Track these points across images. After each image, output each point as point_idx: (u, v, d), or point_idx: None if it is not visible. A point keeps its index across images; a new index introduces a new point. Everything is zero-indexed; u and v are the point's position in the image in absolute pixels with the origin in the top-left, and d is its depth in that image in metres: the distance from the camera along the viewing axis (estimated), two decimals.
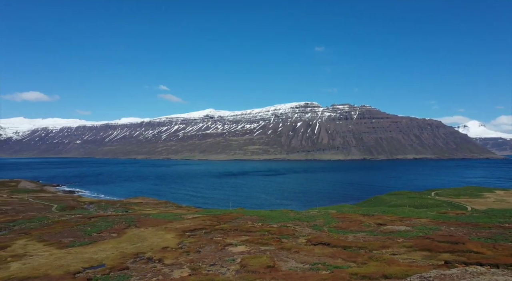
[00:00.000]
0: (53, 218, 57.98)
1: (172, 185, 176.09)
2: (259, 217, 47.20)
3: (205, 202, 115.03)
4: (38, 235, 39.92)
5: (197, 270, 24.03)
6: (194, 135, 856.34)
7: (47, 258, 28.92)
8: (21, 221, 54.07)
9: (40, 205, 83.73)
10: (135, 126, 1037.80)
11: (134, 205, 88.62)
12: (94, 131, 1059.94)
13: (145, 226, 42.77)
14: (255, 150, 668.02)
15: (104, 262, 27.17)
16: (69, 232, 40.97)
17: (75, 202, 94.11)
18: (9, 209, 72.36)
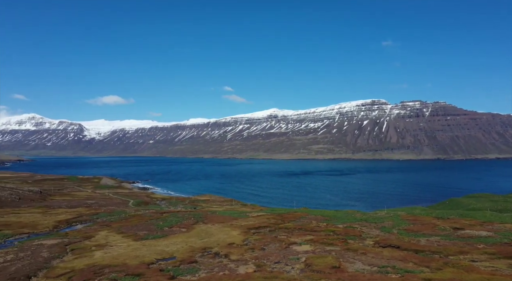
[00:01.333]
0: (130, 212, 62.62)
1: (237, 184, 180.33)
2: (323, 217, 46.40)
3: (269, 201, 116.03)
4: (117, 227, 43.36)
5: (262, 267, 24.31)
6: (258, 135, 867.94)
7: (125, 249, 31.27)
8: (103, 214, 59.17)
9: (118, 200, 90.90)
10: (202, 126, 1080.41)
11: (202, 202, 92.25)
12: (165, 132, 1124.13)
13: (212, 223, 44.30)
14: (319, 150, 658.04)
15: (175, 255, 28.67)
16: (143, 226, 43.90)
17: (148, 198, 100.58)
18: (93, 203, 79.58)
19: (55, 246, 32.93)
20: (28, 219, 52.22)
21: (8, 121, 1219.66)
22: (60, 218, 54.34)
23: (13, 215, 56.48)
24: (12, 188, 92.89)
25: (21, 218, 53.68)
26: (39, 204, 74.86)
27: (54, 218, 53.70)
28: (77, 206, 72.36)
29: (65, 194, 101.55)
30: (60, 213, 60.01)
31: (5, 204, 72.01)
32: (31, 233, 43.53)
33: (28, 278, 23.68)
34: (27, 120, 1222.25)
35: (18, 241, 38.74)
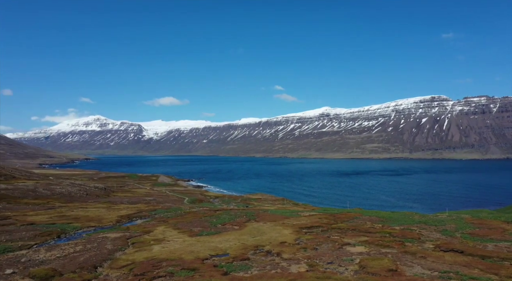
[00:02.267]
0: (185, 209, 64.97)
1: (288, 183, 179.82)
2: (379, 218, 44.74)
3: (321, 201, 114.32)
4: (174, 223, 45.18)
5: (314, 267, 24.01)
6: (310, 134, 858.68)
7: (181, 244, 32.50)
8: (160, 211, 62.01)
9: (174, 197, 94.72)
10: (254, 125, 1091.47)
11: (254, 201, 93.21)
12: (217, 131, 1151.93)
13: (264, 221, 44.57)
14: (374, 149, 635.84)
15: (228, 252, 29.25)
16: (198, 222, 45.32)
17: (202, 196, 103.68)
18: (151, 200, 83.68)
19: (118, 239, 35.10)
20: (94, 214, 56.21)
21: (77, 123, 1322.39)
22: (122, 213, 57.82)
23: (81, 209, 61.11)
24: (80, 185, 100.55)
25: (88, 212, 57.93)
26: (104, 200, 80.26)
27: (117, 213, 57.26)
28: (137, 202, 76.54)
29: (126, 191, 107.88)
30: (122, 209, 63.85)
31: (75, 199, 78.15)
32: (97, 226, 46.79)
33: (94, 268, 25.47)
34: (93, 121, 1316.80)
35: (86, 233, 41.84)
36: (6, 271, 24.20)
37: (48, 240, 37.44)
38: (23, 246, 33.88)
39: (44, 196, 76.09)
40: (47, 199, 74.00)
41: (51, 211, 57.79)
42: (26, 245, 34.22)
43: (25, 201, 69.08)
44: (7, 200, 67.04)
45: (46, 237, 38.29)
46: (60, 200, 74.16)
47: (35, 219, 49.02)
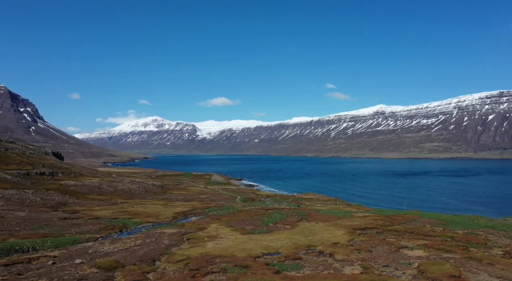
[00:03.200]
0: (237, 207, 66.06)
1: (341, 183, 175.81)
2: (439, 221, 42.19)
3: (375, 202, 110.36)
4: (226, 221, 46.14)
5: (369, 269, 23.23)
6: (364, 133, 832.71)
7: (233, 242, 33.08)
8: (213, 208, 63.65)
9: (227, 196, 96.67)
10: (305, 125, 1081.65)
11: (305, 201, 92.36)
12: (269, 131, 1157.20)
13: (316, 221, 43.99)
14: (433, 148, 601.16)
15: (280, 251, 29.26)
16: (250, 221, 45.84)
17: (254, 194, 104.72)
18: (205, 198, 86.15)
19: (174, 235, 36.58)
20: (152, 210, 59.09)
21: (136, 123, 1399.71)
22: (178, 210, 60.18)
23: (140, 206, 64.55)
24: (140, 182, 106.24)
25: (147, 208, 61.05)
26: (161, 197, 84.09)
27: (173, 210, 59.71)
28: (192, 200, 79.21)
29: (182, 189, 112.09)
30: (178, 206, 66.46)
31: (135, 196, 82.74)
32: (154, 222, 49.13)
33: (153, 261, 26.77)
34: (150, 122, 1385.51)
35: (145, 228, 44.13)
36: (76, 261, 26.24)
37: (111, 234, 40.03)
38: (90, 238, 36.54)
39: (107, 193, 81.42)
40: (110, 195, 79.11)
41: (114, 207, 61.71)
42: (93, 238, 36.86)
43: (91, 196, 74.46)
44: (76, 195, 72.69)
45: (109, 231, 40.96)
46: (122, 197, 78.91)
47: (100, 214, 52.64)
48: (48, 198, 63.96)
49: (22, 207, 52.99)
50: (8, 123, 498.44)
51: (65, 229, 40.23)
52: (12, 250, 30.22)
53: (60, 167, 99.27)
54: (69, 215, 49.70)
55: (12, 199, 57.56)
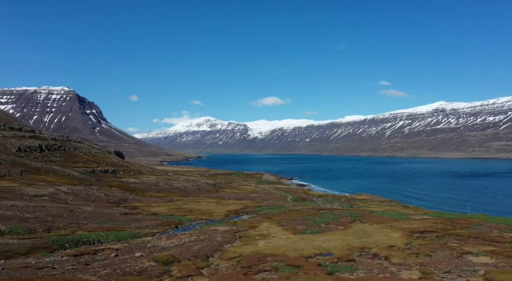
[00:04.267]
0: (288, 207, 65.89)
1: (397, 184, 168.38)
2: (509, 226, 38.87)
3: (434, 205, 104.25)
4: (278, 220, 46.20)
5: (428, 275, 22.00)
6: (422, 131, 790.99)
7: (285, 241, 33.05)
8: (264, 207, 64.04)
9: (278, 195, 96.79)
10: (358, 123, 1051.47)
11: (358, 201, 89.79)
12: (320, 130, 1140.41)
13: (370, 222, 42.58)
14: (502, 147, 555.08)
15: (332, 251, 28.72)
16: (301, 221, 45.51)
17: (305, 194, 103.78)
18: (256, 197, 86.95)
19: (226, 233, 37.35)
20: (206, 207, 60.82)
21: (190, 124, 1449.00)
22: (230, 208, 61.37)
23: (194, 203, 66.72)
24: (194, 181, 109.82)
25: (200, 206, 62.96)
26: (213, 195, 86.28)
27: (225, 208, 61.01)
28: (243, 199, 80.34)
29: (233, 188, 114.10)
30: (230, 204, 67.76)
31: (189, 194, 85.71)
32: (208, 219, 50.54)
33: (206, 257, 27.54)
34: (203, 122, 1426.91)
35: (198, 225, 45.55)
36: (136, 254, 27.76)
37: (167, 230, 41.82)
38: (148, 233, 38.48)
39: (164, 190, 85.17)
40: (167, 192, 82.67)
41: (170, 204, 64.41)
42: (151, 233, 38.77)
43: (149, 193, 78.35)
44: (135, 192, 76.89)
45: (166, 227, 42.82)
46: (177, 194, 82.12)
47: (157, 210, 55.22)
48: (111, 194, 68.34)
49: (88, 202, 57.15)
50: (76, 124, 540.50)
51: (126, 223, 42.73)
52: (80, 242, 32.72)
53: (121, 165, 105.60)
54: (129, 211, 52.71)
55: (80, 194, 62.28)
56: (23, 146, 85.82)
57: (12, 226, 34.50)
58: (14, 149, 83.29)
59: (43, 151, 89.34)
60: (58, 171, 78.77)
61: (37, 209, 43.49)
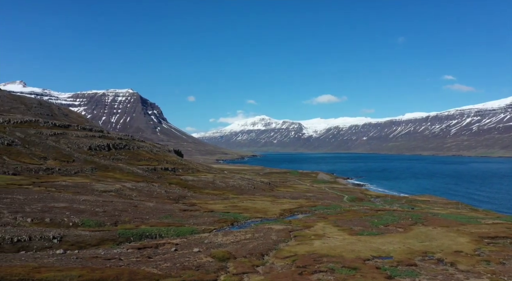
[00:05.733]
0: (345, 207, 64.30)
1: (464, 185, 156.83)
2: None
3: (508, 208, 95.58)
4: (333, 220, 45.29)
5: None
6: (493, 128, 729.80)
7: (341, 242, 32.29)
8: (320, 207, 63.11)
9: (334, 195, 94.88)
10: (420, 121, 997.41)
11: (420, 203, 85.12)
12: (378, 128, 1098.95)
13: (433, 226, 40.15)
14: None
15: (391, 255, 27.51)
16: (358, 221, 44.18)
17: (362, 194, 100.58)
18: (311, 196, 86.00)
19: (281, 231, 37.37)
20: (260, 206, 61.36)
21: (245, 123, 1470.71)
22: (284, 207, 61.33)
23: (249, 201, 67.63)
24: (249, 179, 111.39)
25: (255, 204, 63.67)
26: (268, 194, 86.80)
27: (280, 207, 61.08)
28: (298, 198, 79.88)
29: (288, 186, 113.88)
30: (284, 203, 67.72)
31: (244, 192, 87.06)
32: (263, 218, 50.94)
33: (262, 255, 27.77)
34: (258, 121, 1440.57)
35: (253, 223, 46.09)
36: (194, 249, 28.78)
37: (223, 227, 42.84)
38: (205, 229, 39.72)
39: (220, 188, 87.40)
40: (223, 190, 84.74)
41: (226, 201, 65.94)
42: (208, 229, 39.98)
43: (206, 191, 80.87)
44: (193, 189, 79.78)
45: (222, 224, 43.90)
46: (233, 192, 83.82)
47: (214, 207, 56.79)
48: (170, 191, 71.59)
49: (150, 198, 60.39)
50: (139, 124, 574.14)
51: (185, 220, 44.48)
52: (143, 236, 34.67)
53: (180, 163, 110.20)
54: (188, 207, 54.82)
55: (143, 191, 66.01)
56: (94, 145, 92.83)
57: (85, 219, 37.48)
58: (86, 148, 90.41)
59: (110, 150, 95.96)
60: (123, 169, 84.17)
61: (105, 204, 46.82)
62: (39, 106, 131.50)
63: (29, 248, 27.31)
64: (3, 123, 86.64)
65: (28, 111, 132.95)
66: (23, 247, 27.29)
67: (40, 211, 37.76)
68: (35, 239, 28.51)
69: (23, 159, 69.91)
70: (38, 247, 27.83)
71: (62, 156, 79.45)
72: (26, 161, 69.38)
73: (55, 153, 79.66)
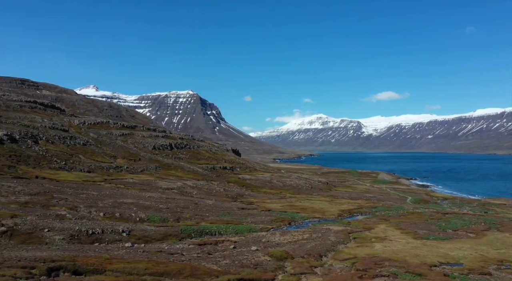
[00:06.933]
0: (408, 209, 61.14)
1: None
2: None
3: None
4: (396, 222, 43.27)
5: None
6: None
7: (404, 246, 30.74)
8: (380, 208, 60.69)
9: (395, 196, 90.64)
10: (494, 117, 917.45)
11: (495, 206, 78.29)
12: (445, 126, 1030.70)
13: (510, 232, 36.73)
14: None
15: (462, 261, 25.63)
16: (423, 225, 41.77)
17: (428, 196, 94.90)
18: (371, 197, 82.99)
19: (340, 232, 36.51)
20: (318, 206, 60.49)
21: (302, 122, 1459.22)
22: (343, 207, 59.85)
23: (307, 201, 67.00)
24: (306, 179, 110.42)
25: (313, 204, 62.90)
26: (326, 194, 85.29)
27: (338, 207, 59.72)
28: (357, 198, 77.51)
29: (347, 186, 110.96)
30: (343, 203, 66.10)
31: (302, 191, 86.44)
32: (320, 218, 50.18)
33: (320, 256, 27.35)
34: (315, 120, 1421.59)
35: (311, 223, 45.58)
36: (252, 247, 29.16)
37: (281, 226, 42.88)
38: (263, 228, 40.05)
39: (277, 187, 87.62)
40: (280, 189, 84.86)
41: (283, 201, 65.96)
42: (265, 228, 40.27)
43: (263, 190, 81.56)
44: (251, 188, 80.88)
45: (279, 223, 43.97)
46: (290, 191, 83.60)
47: (271, 206, 57.09)
48: (229, 190, 73.28)
49: (209, 196, 62.31)
50: (199, 124, 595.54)
51: (243, 218, 45.25)
52: (203, 232, 35.86)
53: (238, 162, 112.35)
54: (245, 206, 55.70)
55: (203, 189, 68.33)
56: (157, 145, 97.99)
57: (150, 214, 39.69)
58: (150, 147, 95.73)
59: (172, 149, 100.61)
60: (184, 167, 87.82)
61: (168, 201, 49.19)
62: (110, 108, 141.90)
63: (102, 240, 29.54)
64: (79, 124, 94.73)
65: (100, 113, 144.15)
66: (97, 239, 29.59)
67: (111, 206, 40.70)
68: (107, 232, 30.79)
69: (96, 157, 75.84)
70: (110, 239, 30.00)
71: (130, 155, 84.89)
72: (98, 159, 75.19)
73: (123, 152, 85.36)
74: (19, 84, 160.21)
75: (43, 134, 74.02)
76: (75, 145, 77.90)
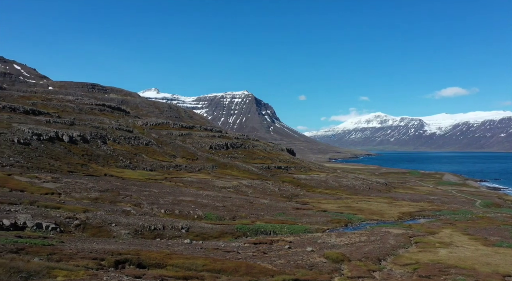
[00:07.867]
0: (477, 213, 56.74)
1: None
2: None
3: None
4: (463, 227, 40.39)
5: None
6: None
7: (473, 253, 28.58)
8: (445, 212, 57.00)
9: (463, 199, 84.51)
10: None
11: None
12: None
13: None
14: None
15: None
16: (495, 231, 38.55)
17: (500, 199, 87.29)
18: (435, 199, 78.18)
19: (400, 236, 34.88)
20: (376, 207, 58.31)
21: (359, 120, 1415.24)
22: (403, 210, 57.10)
23: (364, 202, 64.88)
24: (363, 179, 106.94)
25: (370, 205, 60.77)
26: (385, 195, 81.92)
27: (398, 209, 57.09)
28: (419, 201, 73.48)
29: (407, 188, 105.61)
30: (403, 205, 63.04)
31: (358, 192, 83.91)
32: (379, 220, 48.36)
33: (378, 260, 26.35)
34: (373, 118, 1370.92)
35: (369, 225, 44.07)
36: (307, 248, 28.88)
37: (337, 227, 42.00)
38: (318, 229, 39.50)
39: (333, 187, 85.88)
40: (335, 190, 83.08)
41: (339, 201, 64.50)
42: (321, 229, 39.68)
43: (318, 190, 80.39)
44: (306, 188, 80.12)
45: (335, 224, 43.09)
46: (346, 192, 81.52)
47: (327, 207, 56.11)
48: (283, 189, 73.24)
49: (264, 196, 62.77)
50: (254, 124, 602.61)
51: (298, 218, 44.98)
52: (258, 231, 36.22)
53: (292, 162, 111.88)
54: (300, 206, 55.30)
55: (258, 188, 69.01)
56: (214, 145, 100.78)
57: (207, 212, 40.95)
58: (207, 147, 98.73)
59: (228, 149, 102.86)
60: (240, 167, 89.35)
61: (224, 199, 50.37)
62: (169, 110, 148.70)
63: (163, 236, 31.04)
64: (142, 125, 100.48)
65: (161, 114, 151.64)
66: (158, 234, 31.15)
67: (171, 203, 42.63)
68: (167, 228, 32.30)
69: (157, 157, 79.87)
70: (170, 235, 31.43)
71: (188, 155, 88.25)
72: (159, 158, 79.12)
73: (182, 152, 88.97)
74: (90, 88, 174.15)
75: (110, 135, 79.56)
76: (139, 145, 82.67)
